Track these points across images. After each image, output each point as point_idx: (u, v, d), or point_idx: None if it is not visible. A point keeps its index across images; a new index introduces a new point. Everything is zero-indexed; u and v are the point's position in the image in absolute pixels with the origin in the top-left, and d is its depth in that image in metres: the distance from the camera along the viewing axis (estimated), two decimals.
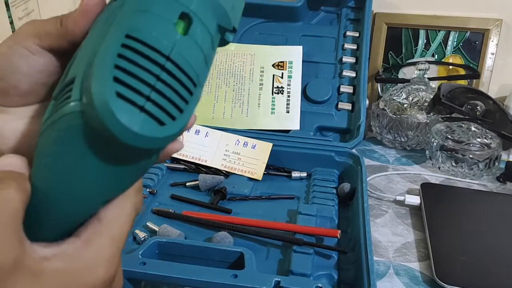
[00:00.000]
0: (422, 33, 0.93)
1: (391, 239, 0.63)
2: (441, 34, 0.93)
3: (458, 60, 0.93)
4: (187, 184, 0.72)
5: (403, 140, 0.85)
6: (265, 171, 0.74)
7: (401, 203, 0.70)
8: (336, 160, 0.74)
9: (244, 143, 0.76)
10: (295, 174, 0.75)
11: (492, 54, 0.91)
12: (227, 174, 0.74)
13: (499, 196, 0.72)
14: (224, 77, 0.84)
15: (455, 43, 0.93)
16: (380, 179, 0.77)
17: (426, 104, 0.82)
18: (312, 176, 0.74)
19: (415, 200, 0.69)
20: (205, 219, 0.62)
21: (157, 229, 0.60)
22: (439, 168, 0.79)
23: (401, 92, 0.86)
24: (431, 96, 0.81)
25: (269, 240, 0.58)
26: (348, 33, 0.86)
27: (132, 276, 0.49)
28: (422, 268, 0.58)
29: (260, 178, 0.74)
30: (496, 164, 0.76)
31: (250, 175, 0.74)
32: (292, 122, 0.81)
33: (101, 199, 0.26)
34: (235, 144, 0.76)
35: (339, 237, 0.57)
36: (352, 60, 0.84)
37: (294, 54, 0.84)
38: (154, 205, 0.66)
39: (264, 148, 0.75)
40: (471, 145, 0.76)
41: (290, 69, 0.83)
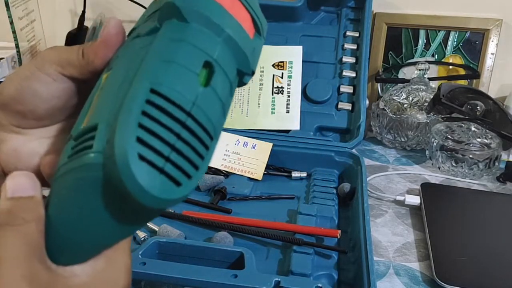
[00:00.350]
0: (422, 33, 0.93)
1: (391, 239, 0.63)
2: (441, 34, 0.93)
3: (458, 60, 0.93)
4: None
5: (403, 140, 0.85)
6: (265, 171, 0.74)
7: (401, 203, 0.70)
8: (336, 160, 0.74)
9: (244, 143, 0.76)
10: (295, 174, 0.75)
11: (492, 54, 0.91)
12: (227, 174, 0.74)
13: (499, 196, 0.72)
14: None
15: (455, 43, 0.93)
16: (380, 179, 0.77)
17: (426, 104, 0.82)
18: (312, 176, 0.74)
19: (415, 200, 0.69)
20: (205, 219, 0.62)
21: (157, 229, 0.60)
22: (439, 168, 0.79)
23: (401, 92, 0.86)
24: (431, 96, 0.81)
25: (269, 240, 0.58)
26: (348, 33, 0.86)
27: (132, 276, 0.49)
28: (422, 268, 0.58)
29: (260, 178, 0.73)
30: (496, 164, 0.76)
31: (250, 175, 0.74)
32: (292, 122, 0.81)
33: (104, 244, 0.28)
34: (235, 144, 0.76)
35: (339, 237, 0.57)
36: (352, 60, 0.84)
37: (294, 54, 0.84)
38: None
39: (264, 148, 0.75)
40: (471, 145, 0.76)
41: (290, 69, 0.83)
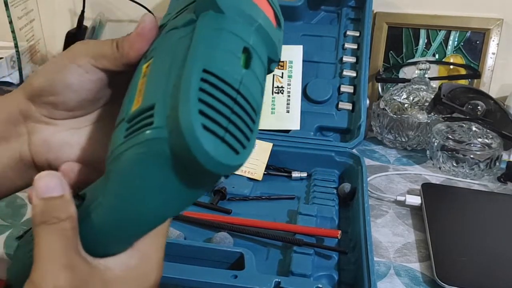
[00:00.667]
0: (423, 32, 0.93)
1: (392, 239, 0.63)
2: (441, 34, 0.93)
3: (459, 59, 0.93)
4: None
5: (403, 140, 0.85)
6: (265, 171, 0.74)
7: (401, 203, 0.70)
8: (337, 160, 0.74)
9: None
10: (295, 174, 0.74)
11: (493, 53, 0.91)
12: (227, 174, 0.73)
13: (500, 197, 0.72)
14: None
15: (455, 42, 0.92)
16: (381, 179, 0.77)
17: (427, 104, 0.82)
18: (312, 176, 0.73)
19: (415, 200, 0.69)
20: (204, 219, 0.62)
21: None
22: (439, 168, 0.79)
23: (401, 92, 0.86)
24: (432, 96, 0.81)
25: (269, 240, 0.58)
26: (348, 32, 0.86)
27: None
28: (422, 269, 0.58)
29: (260, 178, 0.73)
30: (497, 164, 0.76)
31: (250, 175, 0.73)
32: (292, 122, 0.81)
33: (165, 217, 0.29)
34: None
35: (339, 237, 0.57)
36: (352, 59, 0.84)
37: (294, 54, 0.84)
38: None
39: (264, 148, 0.75)
40: (472, 145, 0.76)
41: (290, 68, 0.83)
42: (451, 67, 0.94)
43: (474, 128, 0.77)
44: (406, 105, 0.84)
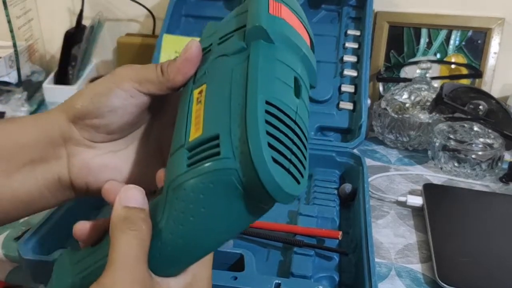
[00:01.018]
0: (424, 32, 0.93)
1: (393, 240, 0.62)
2: (443, 33, 0.92)
3: (461, 59, 0.93)
4: None
5: (405, 140, 0.85)
6: None
7: (403, 204, 0.69)
8: (337, 160, 0.74)
9: None
10: None
11: (495, 53, 0.90)
12: None
13: (501, 197, 0.72)
14: None
15: (457, 42, 0.92)
16: (382, 180, 0.76)
17: (428, 103, 0.81)
18: (313, 177, 0.73)
19: (417, 201, 0.68)
20: None
21: None
22: (441, 168, 0.78)
23: (403, 91, 0.85)
24: (433, 96, 0.80)
25: (269, 241, 0.58)
26: (349, 31, 0.85)
27: None
28: (424, 270, 0.57)
29: None
30: (499, 164, 0.76)
31: None
32: None
33: (225, 241, 0.30)
34: None
35: (340, 238, 0.56)
36: (353, 59, 0.84)
37: None
38: None
39: None
40: (474, 145, 0.75)
41: None
42: (453, 66, 0.93)
43: (475, 128, 0.77)
44: (407, 104, 0.84)
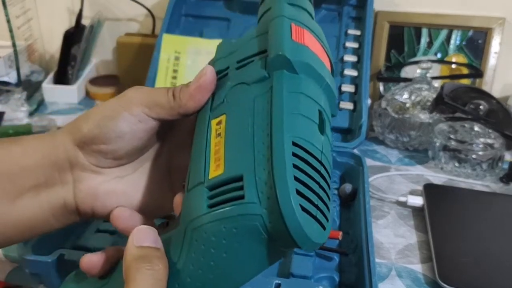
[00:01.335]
0: (425, 31, 0.93)
1: (393, 240, 0.62)
2: (443, 33, 0.92)
3: (461, 59, 0.92)
4: None
5: (405, 140, 0.84)
6: None
7: (403, 204, 0.69)
8: (337, 160, 0.73)
9: None
10: None
11: (496, 53, 0.90)
12: None
13: (502, 197, 0.71)
14: None
15: (457, 41, 0.92)
16: (382, 180, 0.76)
17: (429, 103, 0.81)
18: None
19: (417, 201, 0.68)
20: None
21: None
22: (441, 168, 0.78)
23: (403, 91, 0.85)
24: (434, 96, 0.80)
25: None
26: (349, 31, 0.85)
27: None
28: (424, 270, 0.57)
29: None
30: (499, 164, 0.76)
31: None
32: None
33: (241, 284, 0.29)
34: None
35: (340, 238, 0.56)
36: (353, 59, 0.84)
37: None
38: None
39: None
40: (474, 145, 0.75)
41: None
42: (453, 66, 0.93)
43: (476, 128, 0.77)
44: (407, 104, 0.83)
